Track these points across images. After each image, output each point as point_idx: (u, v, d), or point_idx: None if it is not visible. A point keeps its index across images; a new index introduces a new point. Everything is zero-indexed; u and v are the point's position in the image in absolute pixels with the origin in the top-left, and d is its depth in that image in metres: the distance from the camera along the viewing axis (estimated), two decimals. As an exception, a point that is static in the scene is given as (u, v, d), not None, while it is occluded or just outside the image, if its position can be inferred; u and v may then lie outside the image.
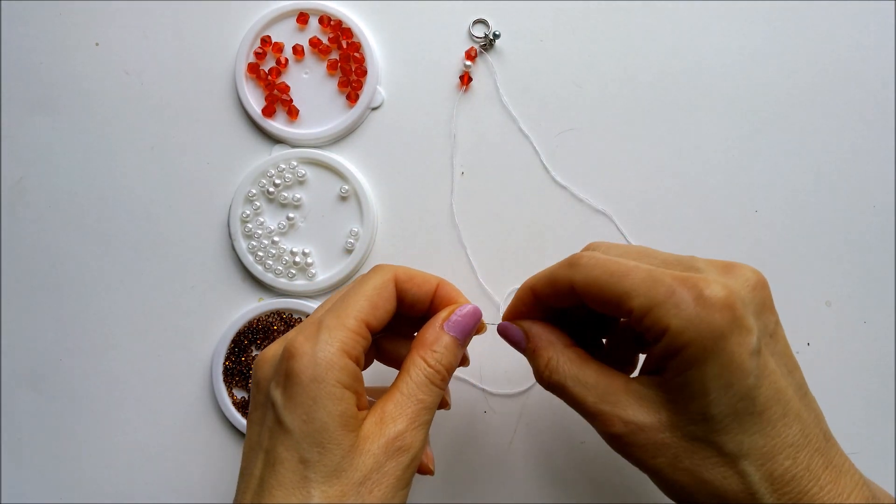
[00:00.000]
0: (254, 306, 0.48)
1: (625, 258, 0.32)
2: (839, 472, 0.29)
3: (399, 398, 0.33)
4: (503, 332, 0.37)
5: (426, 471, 0.37)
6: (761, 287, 0.30)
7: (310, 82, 0.49)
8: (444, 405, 0.39)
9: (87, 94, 0.50)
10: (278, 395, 0.31)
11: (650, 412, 0.30)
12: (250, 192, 0.48)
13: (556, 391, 0.33)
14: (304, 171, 0.48)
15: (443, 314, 0.36)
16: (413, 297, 0.36)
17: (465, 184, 0.48)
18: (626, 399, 0.30)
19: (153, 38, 0.50)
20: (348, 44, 0.48)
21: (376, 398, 0.34)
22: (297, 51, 0.49)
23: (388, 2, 0.49)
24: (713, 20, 0.48)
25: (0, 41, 0.50)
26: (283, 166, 0.48)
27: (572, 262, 0.32)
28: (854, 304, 0.47)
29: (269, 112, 0.48)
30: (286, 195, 0.48)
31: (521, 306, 0.36)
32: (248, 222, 0.48)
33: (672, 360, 0.29)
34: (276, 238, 0.48)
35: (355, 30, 0.48)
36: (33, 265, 0.49)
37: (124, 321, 0.48)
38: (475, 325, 0.36)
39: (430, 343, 0.34)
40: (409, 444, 0.32)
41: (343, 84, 0.49)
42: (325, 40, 0.49)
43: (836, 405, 0.46)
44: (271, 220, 0.48)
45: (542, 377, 0.34)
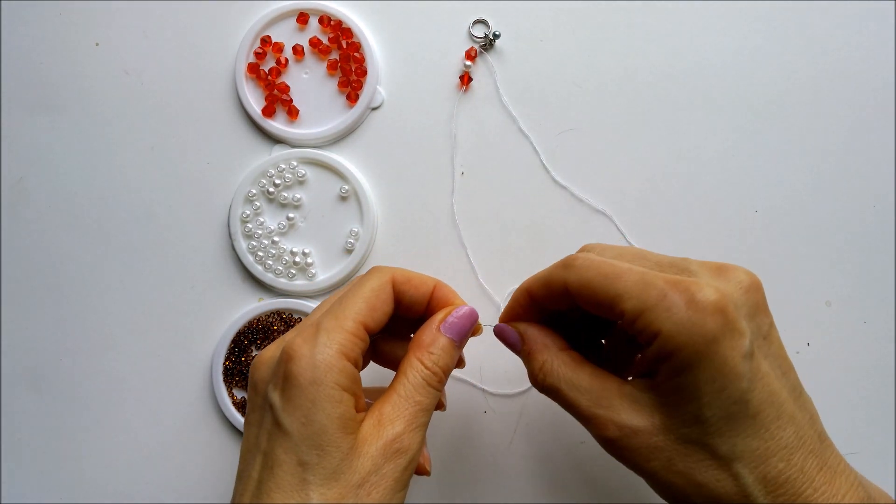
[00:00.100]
0: (254, 306, 0.48)
1: (619, 260, 0.31)
2: (834, 473, 0.29)
3: (396, 400, 0.33)
4: (499, 333, 0.37)
5: (423, 472, 0.37)
6: (755, 289, 0.30)
7: (310, 82, 0.49)
8: (440, 406, 0.39)
9: (87, 94, 0.50)
10: (276, 397, 0.31)
11: (644, 416, 0.30)
12: (250, 192, 0.48)
13: (550, 394, 0.33)
14: (304, 171, 0.48)
15: (439, 316, 0.36)
16: (410, 298, 0.36)
17: (465, 184, 0.48)
18: (620, 403, 0.30)
19: (153, 38, 0.50)
20: (348, 44, 0.48)
21: (373, 399, 0.34)
22: (297, 51, 0.49)
23: (388, 2, 0.49)
24: (713, 20, 0.49)
25: (0, 41, 0.50)
26: (283, 166, 0.48)
27: (567, 264, 0.32)
28: (854, 304, 0.47)
29: (269, 112, 0.48)
30: (286, 195, 0.48)
31: (517, 308, 0.36)
32: (248, 222, 0.48)
33: (664, 364, 0.29)
34: (276, 238, 0.48)
35: (355, 30, 0.48)
36: (33, 265, 0.49)
37: (124, 321, 0.48)
38: (472, 327, 0.36)
39: (427, 345, 0.34)
40: (407, 446, 0.32)
41: (343, 84, 0.49)
42: (325, 40, 0.49)
43: (836, 405, 0.46)
44: (271, 220, 0.48)
45: (536, 380, 0.34)
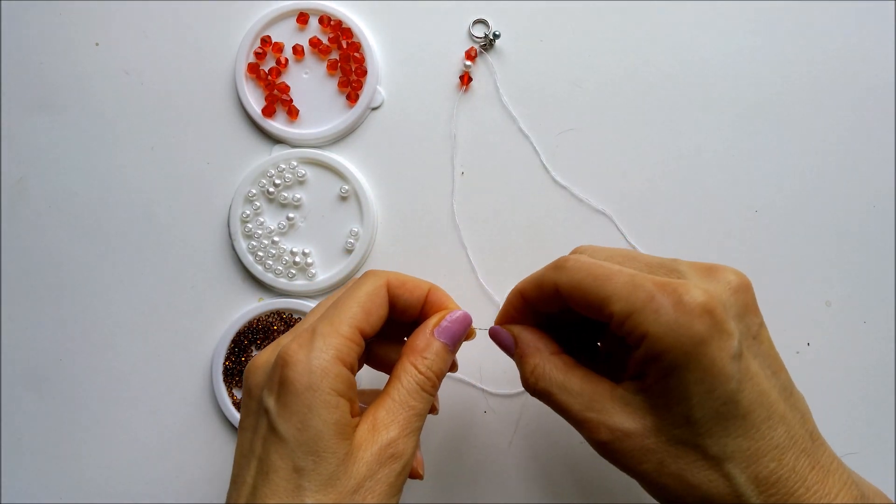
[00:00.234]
0: (254, 306, 0.48)
1: (610, 262, 0.32)
2: (826, 473, 0.29)
3: (391, 405, 0.33)
4: (494, 336, 0.37)
5: (416, 475, 0.37)
6: (743, 290, 0.30)
7: (310, 82, 0.49)
8: (432, 410, 0.39)
9: (87, 94, 0.50)
10: (272, 402, 0.31)
11: (636, 418, 0.30)
12: (250, 192, 0.48)
13: (542, 398, 0.33)
14: (304, 171, 0.48)
15: (433, 320, 0.36)
16: (405, 302, 0.36)
17: (465, 184, 0.48)
18: (612, 406, 0.30)
19: (153, 38, 0.50)
20: (348, 44, 0.48)
21: (366, 401, 0.34)
22: (297, 51, 0.49)
23: (388, 2, 0.49)
24: (713, 20, 0.49)
25: (0, 41, 0.50)
26: (283, 166, 0.48)
27: (558, 266, 0.32)
28: (854, 304, 0.47)
29: (269, 112, 0.48)
30: (286, 195, 0.48)
31: (511, 310, 0.36)
32: (248, 222, 0.48)
33: (653, 366, 0.29)
34: (276, 238, 0.48)
35: (355, 30, 0.48)
36: (33, 265, 0.49)
37: (124, 321, 0.48)
38: (465, 331, 0.36)
39: (421, 349, 0.34)
40: (402, 451, 0.32)
41: (343, 84, 0.49)
42: (325, 40, 0.49)
43: (836, 405, 0.46)
44: (271, 220, 0.48)
45: (527, 384, 0.34)
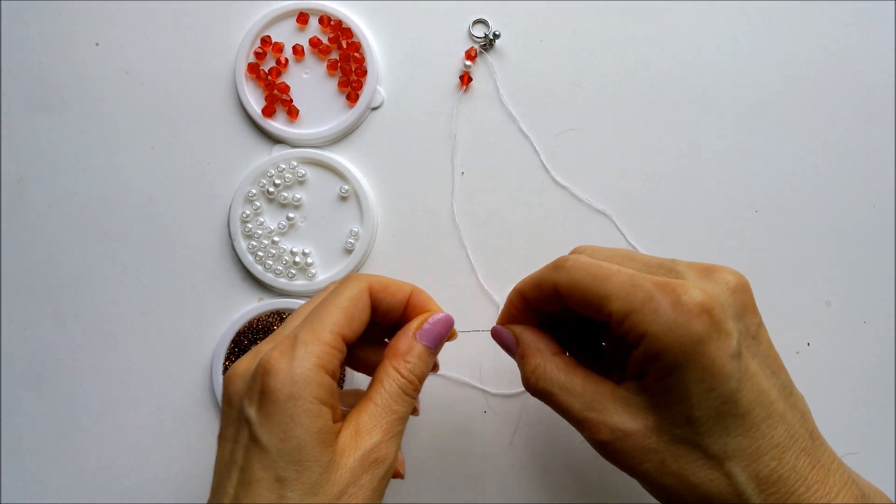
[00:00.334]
0: (254, 306, 0.48)
1: (609, 262, 0.32)
2: (827, 472, 0.29)
3: (373, 410, 0.33)
4: (496, 335, 0.37)
5: (397, 475, 0.37)
6: (742, 290, 0.30)
7: (310, 82, 0.49)
8: (413, 412, 0.38)
9: (87, 94, 0.50)
10: (253, 412, 0.31)
11: (637, 418, 0.30)
12: (250, 192, 0.48)
13: (543, 398, 0.33)
14: (304, 171, 0.48)
15: (415, 323, 0.35)
16: (387, 305, 0.36)
17: (465, 184, 0.48)
18: (613, 406, 0.30)
19: (153, 38, 0.50)
20: (348, 44, 0.49)
21: (346, 402, 0.34)
22: (297, 51, 0.49)
23: (388, 2, 0.49)
24: (713, 20, 0.49)
25: (0, 41, 0.50)
26: (283, 166, 0.48)
27: (557, 265, 0.33)
28: (854, 304, 0.47)
29: (269, 112, 0.48)
30: (286, 195, 0.48)
31: (513, 310, 0.36)
32: (248, 222, 0.48)
33: (652, 365, 0.29)
34: (276, 238, 0.48)
35: (355, 30, 0.48)
36: (33, 265, 0.49)
37: (124, 321, 0.48)
38: (447, 333, 0.36)
39: (404, 353, 0.34)
40: (385, 455, 0.32)
41: (343, 84, 0.49)
42: (325, 40, 0.49)
43: (837, 405, 0.46)
44: (271, 220, 0.48)
45: (528, 383, 0.34)
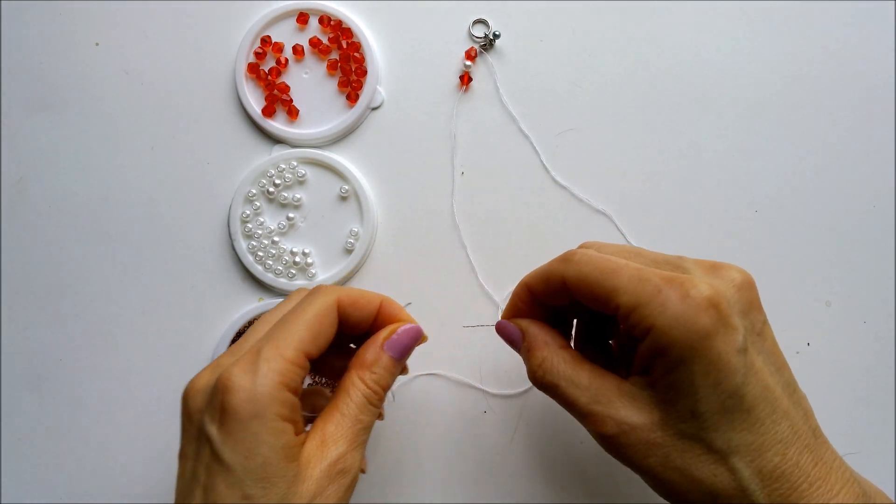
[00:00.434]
0: (254, 306, 0.48)
1: (616, 256, 0.32)
2: (829, 469, 0.29)
3: (340, 420, 0.33)
4: (501, 330, 0.37)
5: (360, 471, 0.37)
6: (748, 287, 0.31)
7: (310, 82, 0.49)
8: (378, 417, 0.39)
9: (87, 94, 0.50)
10: (214, 430, 0.30)
11: (642, 412, 0.30)
12: (250, 192, 0.48)
13: (549, 391, 0.33)
14: (304, 171, 0.48)
15: (383, 333, 0.36)
16: (356, 320, 0.36)
17: (465, 184, 0.48)
18: (619, 400, 0.31)
19: (153, 38, 0.50)
20: (348, 44, 0.49)
21: (306, 405, 0.33)
22: (297, 51, 0.49)
23: (388, 2, 0.49)
24: (713, 20, 0.49)
25: (0, 41, 0.50)
26: (283, 166, 0.48)
27: (566, 258, 0.33)
28: (854, 304, 0.47)
29: (269, 112, 0.48)
30: (286, 195, 0.48)
31: (519, 304, 0.36)
32: (248, 222, 0.48)
33: (659, 359, 0.29)
34: (276, 238, 0.48)
35: (355, 30, 0.48)
36: (33, 265, 0.49)
37: (124, 321, 0.48)
38: (415, 344, 0.36)
39: (370, 364, 0.34)
40: (350, 465, 0.32)
41: (343, 84, 0.49)
42: (325, 40, 0.49)
43: (837, 405, 0.46)
44: (271, 220, 0.48)
45: (535, 376, 0.34)
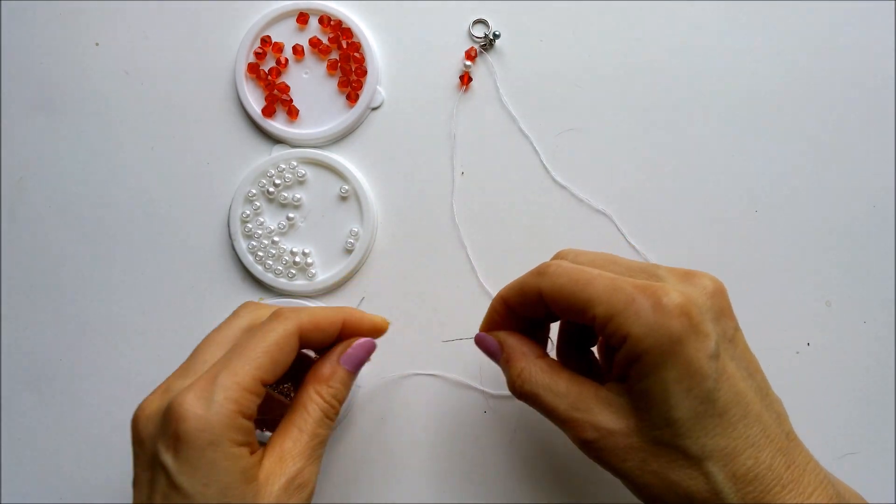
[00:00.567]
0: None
1: (591, 266, 0.32)
2: (802, 471, 0.29)
3: (297, 435, 0.33)
4: (480, 342, 0.37)
5: None
6: (719, 294, 0.31)
7: (310, 82, 0.49)
8: None
9: (87, 94, 0.50)
10: (169, 459, 0.30)
11: (619, 418, 0.30)
12: (250, 192, 0.48)
13: (529, 400, 0.34)
14: (304, 171, 0.48)
15: (339, 348, 0.36)
16: (319, 341, 0.36)
17: (465, 184, 0.48)
18: (597, 406, 0.31)
19: (153, 38, 0.50)
20: (348, 44, 0.49)
21: (261, 411, 0.33)
22: (297, 51, 0.49)
23: (388, 2, 0.49)
24: (713, 20, 0.49)
25: (0, 41, 0.50)
26: (283, 166, 0.48)
27: (540, 272, 0.33)
28: (854, 304, 0.47)
29: (269, 112, 0.48)
30: (286, 195, 0.48)
31: (495, 317, 0.37)
32: (248, 222, 0.48)
33: (634, 367, 0.29)
34: (276, 238, 0.48)
35: (355, 30, 0.48)
36: (33, 265, 0.49)
37: (124, 321, 0.48)
38: (369, 355, 0.37)
39: (327, 378, 0.35)
40: (308, 479, 0.33)
41: (343, 84, 0.49)
42: (325, 40, 0.49)
43: (836, 405, 0.46)
44: (271, 220, 0.48)
45: (514, 387, 0.34)
